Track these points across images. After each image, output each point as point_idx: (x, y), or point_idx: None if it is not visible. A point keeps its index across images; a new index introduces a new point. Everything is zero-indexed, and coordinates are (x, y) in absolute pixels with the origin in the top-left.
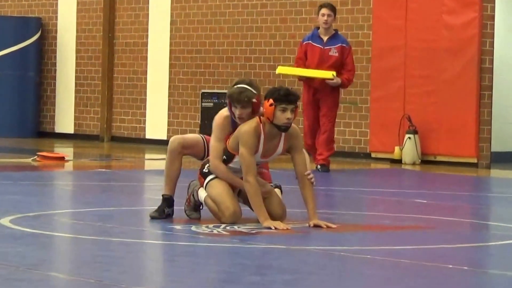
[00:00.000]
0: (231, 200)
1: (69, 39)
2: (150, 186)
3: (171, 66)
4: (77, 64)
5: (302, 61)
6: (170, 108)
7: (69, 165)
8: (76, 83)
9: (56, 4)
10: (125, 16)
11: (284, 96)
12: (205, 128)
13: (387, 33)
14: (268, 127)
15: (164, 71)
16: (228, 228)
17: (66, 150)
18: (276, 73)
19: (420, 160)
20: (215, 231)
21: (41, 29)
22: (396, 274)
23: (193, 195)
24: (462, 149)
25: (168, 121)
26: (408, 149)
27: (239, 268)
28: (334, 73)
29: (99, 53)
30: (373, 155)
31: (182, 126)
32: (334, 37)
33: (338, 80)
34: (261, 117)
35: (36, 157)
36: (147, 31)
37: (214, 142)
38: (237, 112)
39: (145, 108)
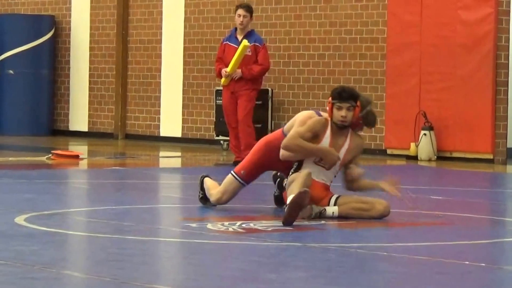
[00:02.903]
0: None
1: (82, 37)
2: (165, 184)
3: (185, 63)
4: (91, 62)
5: (221, 60)
6: (184, 106)
7: (83, 163)
8: (90, 81)
9: (70, 1)
10: (138, 13)
11: (337, 94)
12: (220, 125)
13: (402, 29)
14: (334, 124)
15: (178, 68)
16: (243, 225)
17: (80, 148)
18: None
19: (435, 157)
20: (230, 229)
21: (54, 27)
22: (413, 270)
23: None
24: (478, 145)
25: (182, 119)
26: (424, 146)
27: (255, 266)
28: (246, 41)
29: (113, 50)
30: (388, 151)
31: (196, 123)
32: (249, 36)
33: (238, 72)
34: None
35: (50, 155)
36: (161, 28)
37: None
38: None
39: (159, 106)
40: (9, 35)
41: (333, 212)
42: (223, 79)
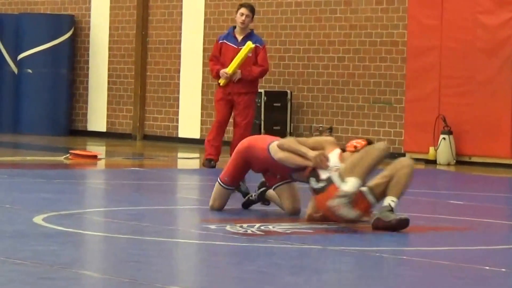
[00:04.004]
0: None
1: (102, 37)
2: (183, 185)
3: (204, 64)
4: (110, 62)
5: (217, 59)
6: (203, 107)
7: (101, 164)
8: (108, 81)
9: (89, 1)
10: (158, 13)
11: None
12: None
13: (422, 33)
14: None
15: (198, 69)
16: (262, 227)
17: (98, 149)
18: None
19: (454, 161)
20: (249, 231)
21: (74, 27)
22: (432, 275)
23: None
24: (497, 149)
25: (201, 120)
26: (443, 150)
27: (274, 268)
28: (251, 43)
29: (132, 51)
30: (407, 155)
31: None
32: (249, 36)
33: (238, 73)
34: None
35: (68, 155)
36: (181, 29)
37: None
38: None
39: (178, 107)
40: (29, 34)
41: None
42: (221, 80)
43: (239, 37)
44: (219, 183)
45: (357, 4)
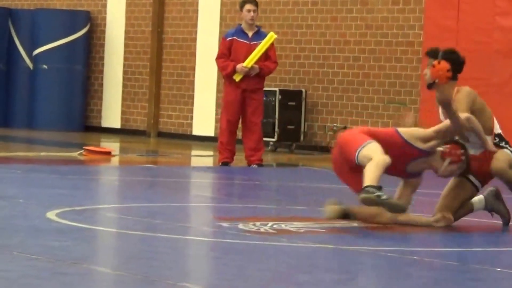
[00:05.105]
0: None
1: (117, 33)
2: (197, 182)
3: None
4: (125, 59)
5: (226, 57)
6: (217, 105)
7: (115, 160)
8: (123, 78)
9: None
10: (174, 11)
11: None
12: None
13: (438, 33)
14: None
15: (213, 67)
16: (275, 226)
17: (112, 145)
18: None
19: None
20: (262, 229)
21: (89, 23)
22: (444, 276)
23: None
24: None
25: (215, 118)
26: None
27: (286, 267)
28: (273, 33)
29: (148, 48)
30: None
31: None
32: (259, 33)
33: (256, 68)
34: None
35: (82, 151)
36: (196, 27)
37: None
38: None
39: (192, 104)
40: (44, 30)
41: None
42: (238, 75)
43: (249, 33)
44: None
45: (373, 4)
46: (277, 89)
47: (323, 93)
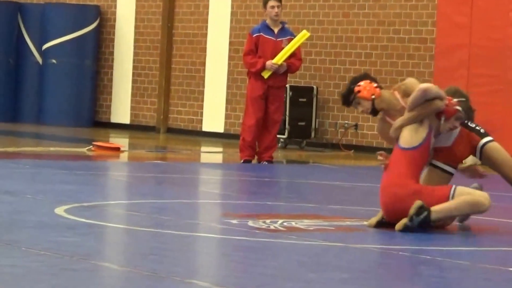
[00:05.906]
0: None
1: (127, 28)
2: (206, 179)
3: (230, 58)
4: (135, 54)
5: (254, 54)
6: (228, 101)
7: (124, 156)
8: (133, 73)
9: None
10: (184, 6)
11: None
12: None
13: (451, 30)
14: None
15: (223, 63)
16: (285, 223)
17: (121, 141)
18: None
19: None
20: (272, 227)
21: (99, 18)
22: (455, 276)
23: None
24: None
25: (225, 114)
26: None
27: (296, 265)
28: (306, 31)
29: (158, 43)
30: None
31: (239, 119)
32: (284, 29)
33: (284, 65)
34: None
35: (91, 147)
36: (207, 22)
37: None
38: None
39: (202, 100)
40: (54, 25)
41: None
42: (266, 72)
43: (275, 30)
44: None
45: (386, 0)
46: (288, 85)
47: (334, 90)
